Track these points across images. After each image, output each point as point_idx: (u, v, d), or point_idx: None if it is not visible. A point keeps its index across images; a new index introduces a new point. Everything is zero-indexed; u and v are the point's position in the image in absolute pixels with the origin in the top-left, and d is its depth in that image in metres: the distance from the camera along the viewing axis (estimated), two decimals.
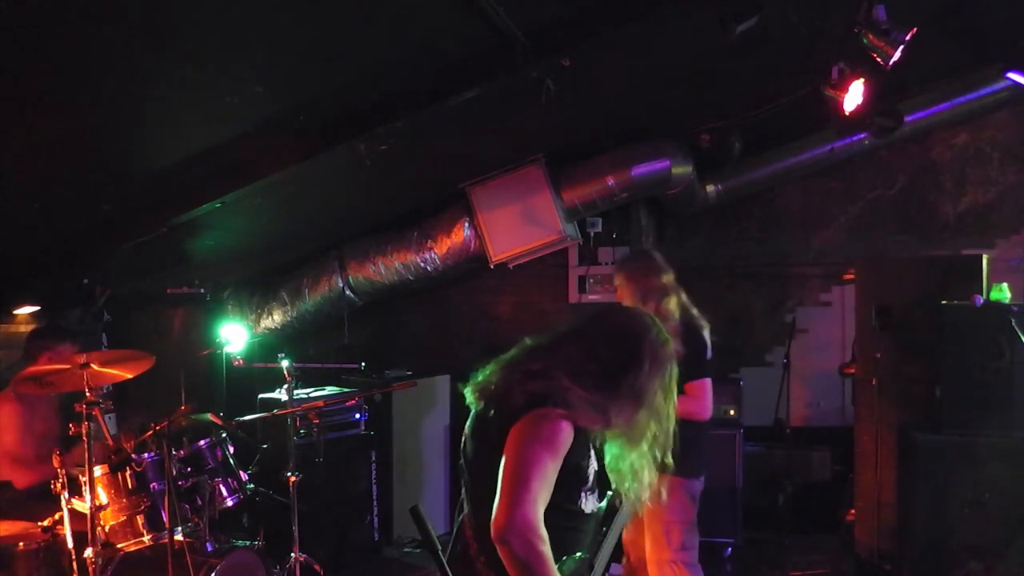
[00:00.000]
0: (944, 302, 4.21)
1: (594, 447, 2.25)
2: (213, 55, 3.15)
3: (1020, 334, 3.94)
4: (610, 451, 2.32)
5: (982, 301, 4.19)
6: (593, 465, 2.24)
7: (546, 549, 1.93)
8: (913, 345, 4.55)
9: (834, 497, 5.66)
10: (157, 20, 2.80)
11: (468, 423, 2.26)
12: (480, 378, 2.25)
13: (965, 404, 4.10)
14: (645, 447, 2.21)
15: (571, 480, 2.13)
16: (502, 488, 1.97)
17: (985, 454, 3.98)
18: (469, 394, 2.26)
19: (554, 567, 1.95)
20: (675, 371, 2.24)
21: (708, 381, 3.62)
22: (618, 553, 3.77)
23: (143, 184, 4.11)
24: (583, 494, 2.20)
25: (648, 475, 2.26)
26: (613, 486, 2.49)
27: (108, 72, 3.05)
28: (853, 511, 5.05)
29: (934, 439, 4.14)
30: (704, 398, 3.60)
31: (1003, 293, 4.43)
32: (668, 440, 2.25)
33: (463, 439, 2.28)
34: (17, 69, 2.84)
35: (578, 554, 2.21)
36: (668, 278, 3.78)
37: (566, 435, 2.05)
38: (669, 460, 2.27)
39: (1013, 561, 3.87)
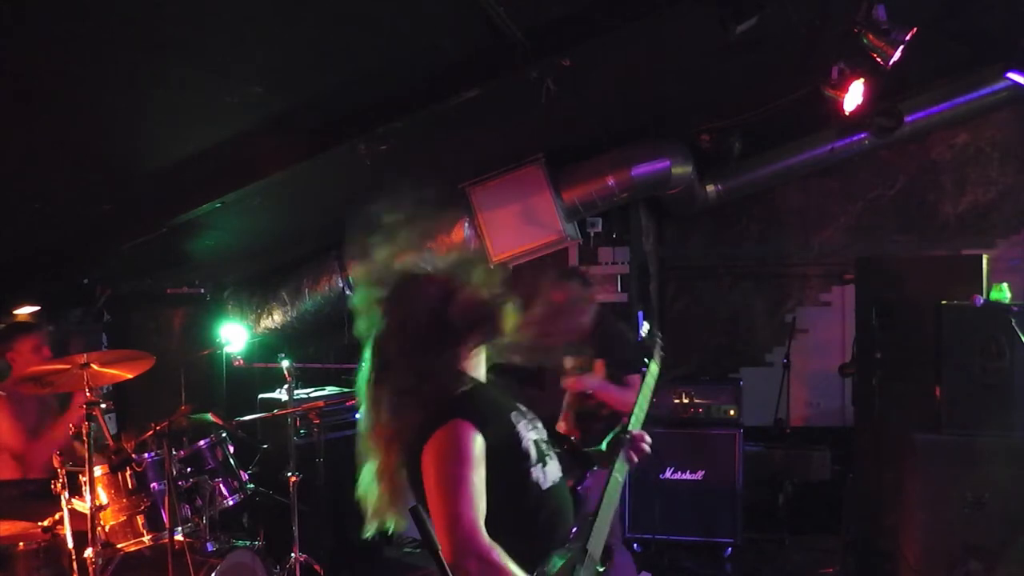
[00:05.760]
0: (944, 302, 4.20)
1: (527, 419, 2.18)
2: (213, 55, 3.15)
3: (1020, 334, 3.94)
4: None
5: (982, 301, 4.19)
6: (528, 436, 2.14)
7: (503, 559, 1.92)
8: (913, 345, 4.54)
9: (834, 497, 5.65)
10: (156, 20, 2.80)
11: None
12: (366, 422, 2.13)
13: (965, 404, 4.09)
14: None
15: (508, 467, 2.06)
16: (436, 520, 1.94)
17: (985, 454, 3.97)
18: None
19: (518, 572, 1.93)
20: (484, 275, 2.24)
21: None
22: None
23: (143, 184, 4.11)
24: (532, 471, 2.11)
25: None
26: (596, 461, 2.46)
27: (108, 72, 3.05)
28: (853, 511, 5.05)
29: (934, 439, 4.13)
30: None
31: (1003, 293, 4.42)
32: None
33: None
34: (17, 69, 2.84)
35: (564, 551, 2.18)
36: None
37: (469, 439, 1.98)
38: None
39: (1013, 561, 3.86)
